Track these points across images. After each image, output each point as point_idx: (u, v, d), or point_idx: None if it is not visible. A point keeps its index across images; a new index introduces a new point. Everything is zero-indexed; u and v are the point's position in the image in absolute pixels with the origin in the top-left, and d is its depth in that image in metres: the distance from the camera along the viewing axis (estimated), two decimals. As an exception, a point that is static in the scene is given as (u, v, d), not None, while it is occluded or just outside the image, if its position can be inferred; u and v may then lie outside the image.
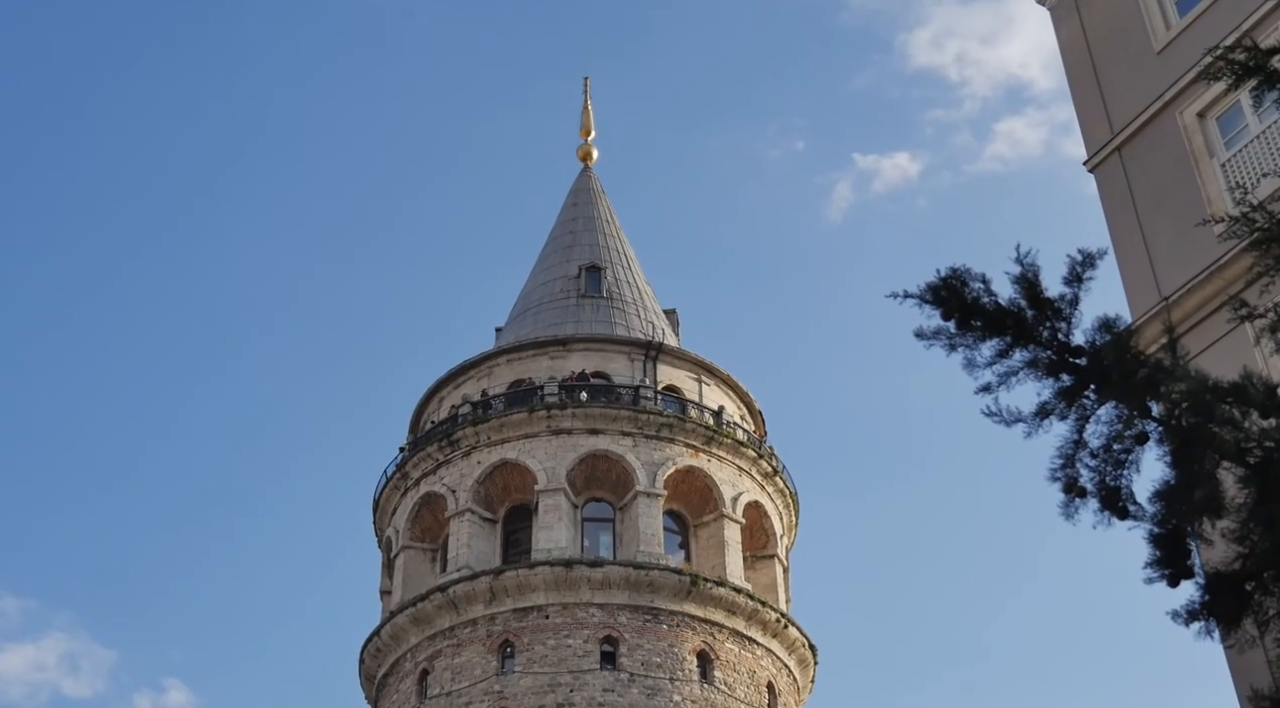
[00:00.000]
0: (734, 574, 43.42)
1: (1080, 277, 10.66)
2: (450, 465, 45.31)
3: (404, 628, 43.09)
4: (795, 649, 44.55)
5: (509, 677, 40.53)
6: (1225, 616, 10.56)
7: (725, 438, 45.72)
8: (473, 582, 41.90)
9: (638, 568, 41.77)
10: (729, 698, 41.17)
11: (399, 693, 42.89)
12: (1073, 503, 10.71)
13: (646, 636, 41.21)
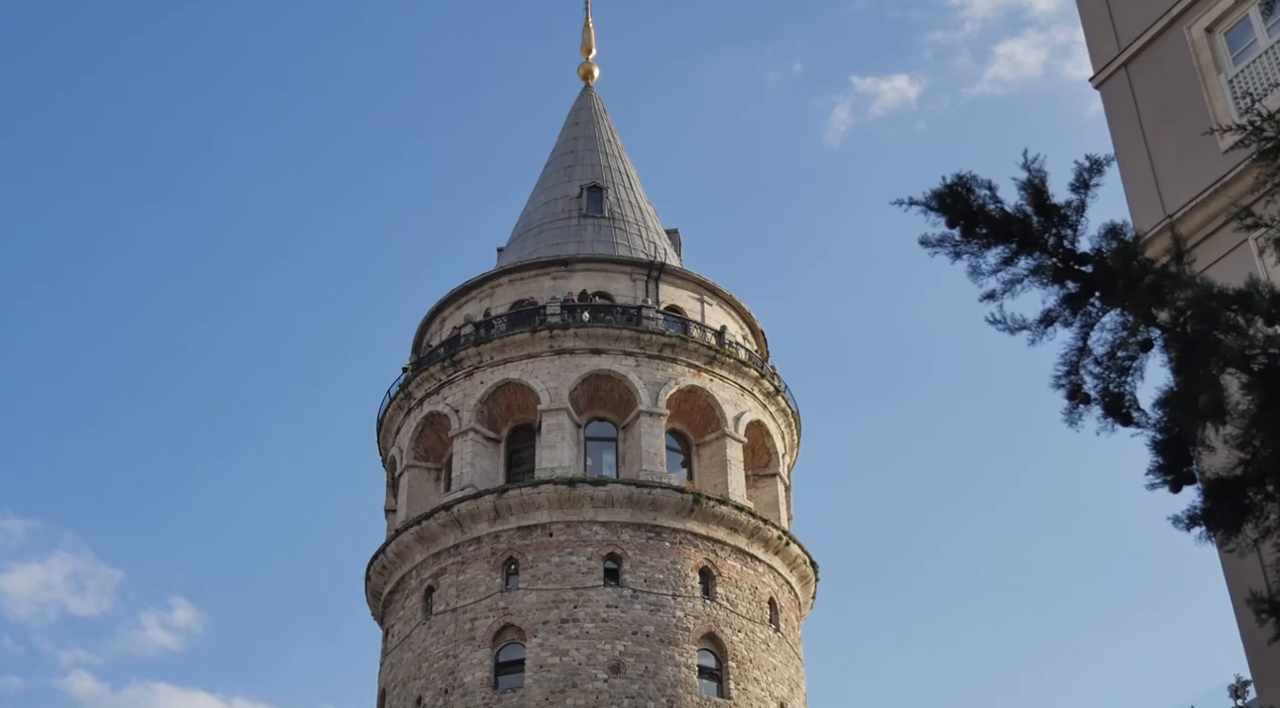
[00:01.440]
0: (736, 492, 43.73)
1: (1087, 183, 10.62)
2: (453, 385, 45.47)
3: (409, 546, 43.49)
4: (797, 566, 44.98)
5: (513, 593, 40.96)
6: (1226, 521, 10.65)
7: (727, 358, 45.82)
8: (477, 500, 42.21)
9: (640, 486, 42.06)
10: (731, 614, 41.63)
11: (405, 610, 43.37)
12: (1076, 410, 10.76)
13: (649, 553, 41.59)
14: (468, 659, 40.33)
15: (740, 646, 41.34)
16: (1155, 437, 10.75)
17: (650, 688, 39.36)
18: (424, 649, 41.54)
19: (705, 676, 40.52)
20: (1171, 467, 10.61)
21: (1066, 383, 10.83)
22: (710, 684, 40.54)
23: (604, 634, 40.01)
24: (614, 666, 39.50)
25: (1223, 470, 10.74)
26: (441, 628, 41.37)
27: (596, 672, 39.38)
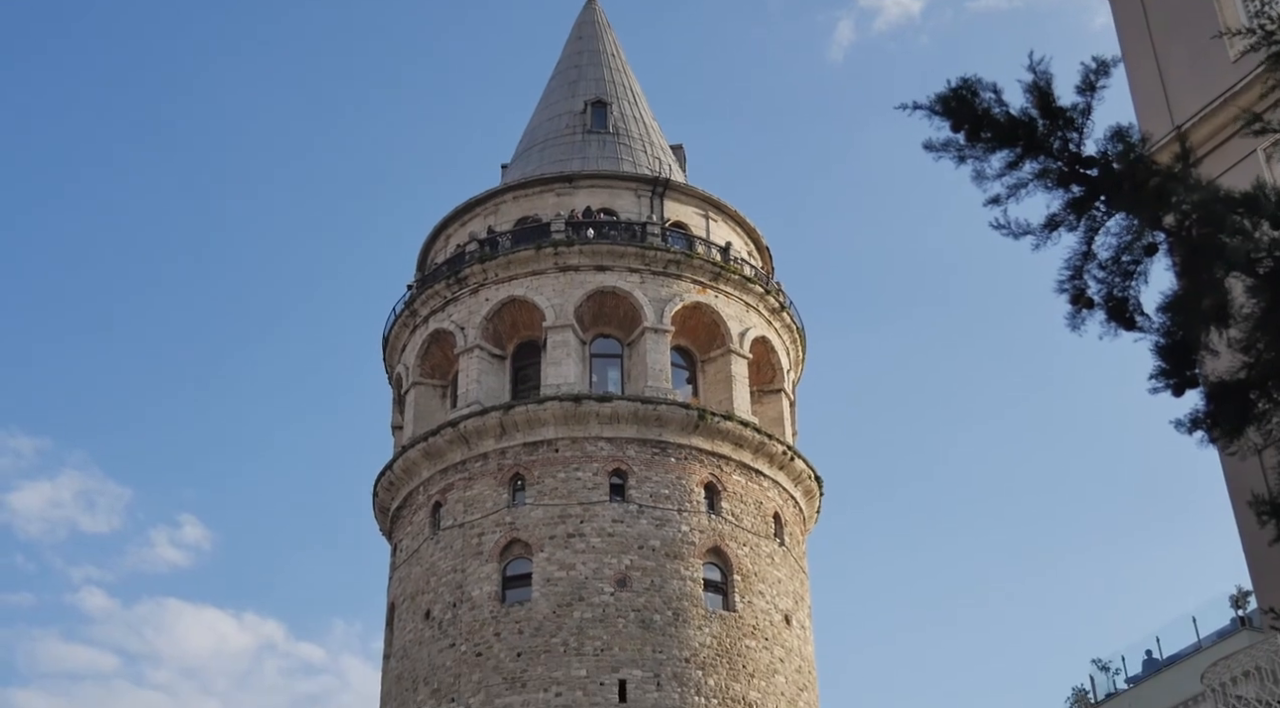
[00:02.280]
0: (741, 408, 43.86)
1: (1093, 85, 10.50)
2: (458, 303, 45.46)
3: (416, 462, 43.74)
4: (801, 481, 45.22)
5: (520, 509, 41.25)
6: (1228, 424, 10.66)
7: (733, 274, 45.74)
8: (483, 417, 42.38)
9: (646, 403, 42.18)
10: (736, 528, 41.93)
11: (412, 525, 43.72)
12: (1080, 315, 10.73)
13: (655, 468, 41.81)
14: (475, 574, 40.72)
15: (745, 559, 41.69)
16: (1158, 341, 10.73)
17: (656, 601, 39.75)
18: (432, 564, 41.94)
19: (710, 589, 40.91)
20: (1174, 371, 10.60)
21: (1070, 288, 10.78)
22: (715, 598, 40.95)
23: (610, 549, 40.34)
24: (620, 579, 39.87)
25: (1226, 374, 10.74)
26: (449, 543, 41.74)
27: (603, 586, 39.76)
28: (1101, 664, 39.22)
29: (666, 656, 39.10)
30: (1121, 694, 37.73)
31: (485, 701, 38.73)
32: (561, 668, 38.66)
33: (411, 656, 41.16)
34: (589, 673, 38.60)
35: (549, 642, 39.08)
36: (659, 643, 39.23)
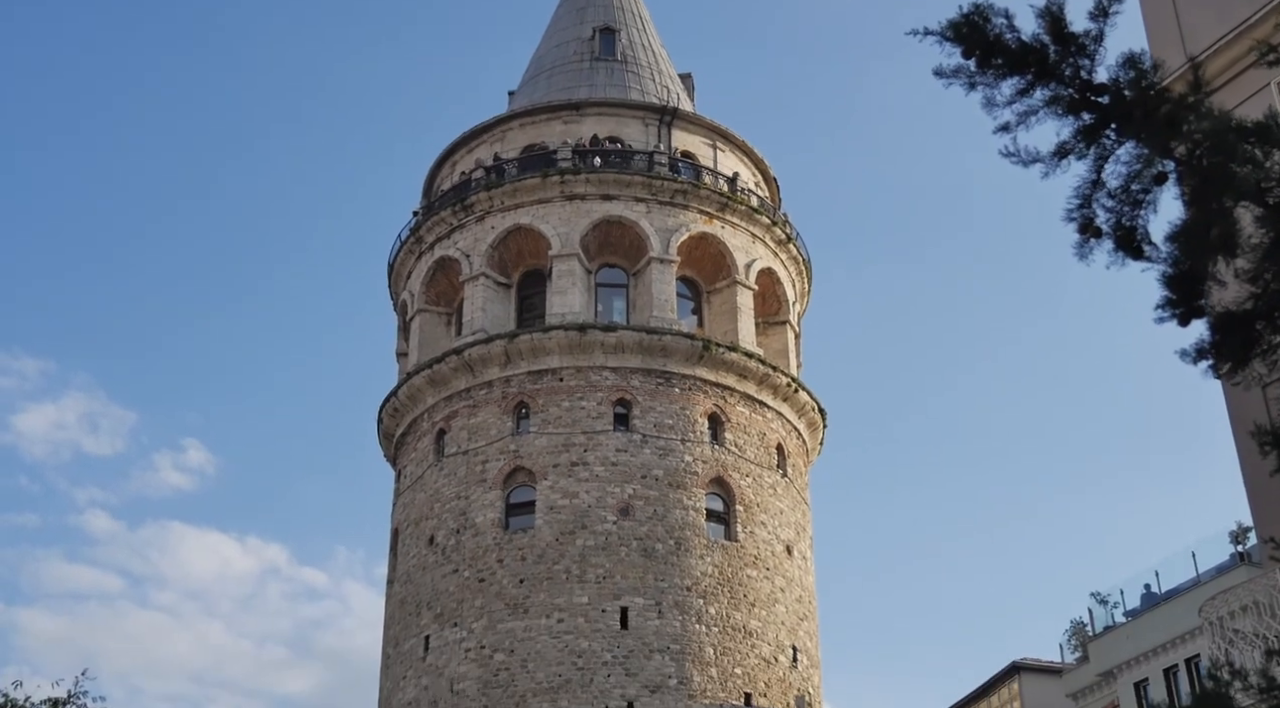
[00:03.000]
0: (746, 340, 43.86)
1: (1106, 11, 10.35)
2: (464, 230, 45.33)
3: (421, 389, 43.85)
4: (805, 413, 45.31)
5: (524, 437, 41.40)
6: (1234, 355, 10.61)
7: (739, 205, 45.54)
8: (488, 345, 42.41)
9: (650, 333, 42.18)
10: (739, 459, 42.08)
11: (417, 452, 43.91)
12: (1088, 244, 10.63)
13: (659, 398, 41.89)
14: (479, 500, 40.95)
15: (748, 490, 41.88)
16: (1166, 271, 10.65)
17: (659, 530, 39.99)
18: (436, 490, 42.16)
19: (713, 519, 41.14)
20: (1181, 301, 10.54)
21: (1078, 216, 10.68)
22: (718, 527, 41.19)
23: (613, 478, 40.53)
24: (623, 508, 40.08)
25: (1232, 305, 10.69)
26: (453, 470, 41.94)
27: (606, 514, 39.99)
28: (1100, 598, 39.56)
29: (668, 584, 39.39)
30: (1119, 628, 38.08)
31: (488, 626, 39.10)
32: (564, 595, 38.98)
33: (415, 581, 41.50)
34: (591, 600, 38.93)
35: (551, 569, 39.38)
36: (661, 571, 39.50)
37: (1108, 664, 37.30)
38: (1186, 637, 34.10)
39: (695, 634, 39.03)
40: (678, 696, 38.11)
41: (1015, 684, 44.01)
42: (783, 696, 40.12)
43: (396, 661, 41.28)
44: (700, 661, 38.79)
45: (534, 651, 38.39)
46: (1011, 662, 44.33)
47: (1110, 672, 37.22)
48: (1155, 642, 35.23)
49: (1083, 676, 39.52)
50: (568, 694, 37.76)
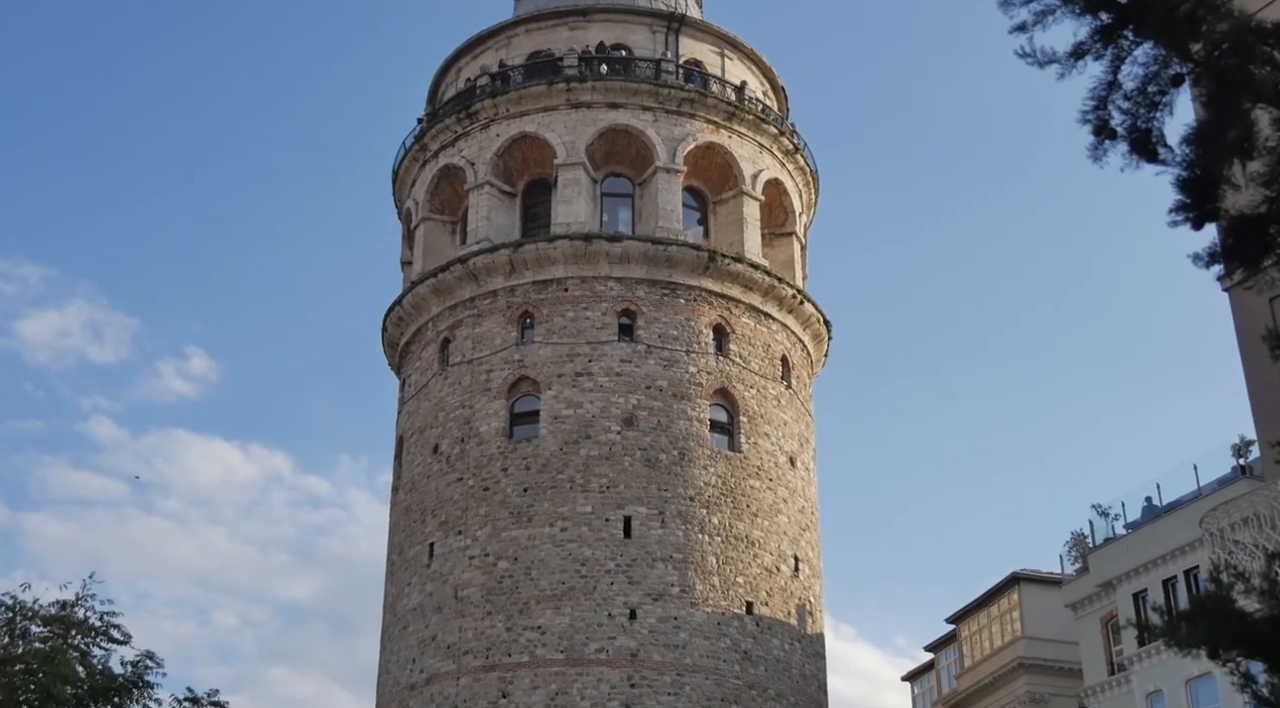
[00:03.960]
0: (752, 251, 43.66)
1: (1127, -94, 10.12)
2: (469, 138, 44.96)
3: (425, 298, 43.75)
4: (810, 325, 45.24)
5: (529, 347, 41.39)
6: (1246, 257, 10.52)
7: (747, 114, 45.09)
8: (493, 254, 42.25)
9: (656, 243, 41.98)
10: (744, 370, 42.09)
11: (421, 360, 43.93)
12: (1102, 146, 10.50)
13: (664, 309, 41.81)
14: (483, 410, 41.04)
15: (752, 401, 41.94)
16: (1180, 174, 10.52)
17: (662, 441, 40.11)
18: (441, 399, 42.24)
19: (717, 430, 41.26)
20: (1195, 204, 10.42)
21: (1094, 118, 10.53)
22: (721, 438, 41.31)
23: (617, 388, 40.57)
24: (627, 418, 40.17)
25: (1246, 208, 10.56)
26: (458, 379, 41.98)
27: (610, 424, 40.08)
28: (1101, 510, 39.77)
29: (671, 494, 39.59)
30: (1120, 539, 38.30)
31: (492, 534, 39.37)
32: (567, 504, 39.20)
33: (420, 489, 41.73)
34: (594, 509, 39.16)
35: (555, 478, 39.56)
36: (664, 481, 39.69)
37: (1107, 575, 37.57)
38: (1186, 549, 34.30)
39: (698, 544, 39.30)
40: (680, 603, 38.47)
41: (1015, 595, 44.37)
42: (784, 604, 40.49)
43: (401, 567, 41.64)
44: (702, 569, 39.10)
45: (537, 559, 38.69)
46: (1012, 573, 44.65)
47: (1109, 583, 37.50)
48: (1155, 553, 35.44)
49: (1082, 586, 39.83)
50: (571, 602, 38.11)
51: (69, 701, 27.60)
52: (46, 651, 27.89)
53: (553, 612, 38.05)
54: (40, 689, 27.27)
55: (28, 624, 28.66)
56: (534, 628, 37.99)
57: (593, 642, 37.69)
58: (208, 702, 29.51)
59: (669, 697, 37.40)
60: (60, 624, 28.45)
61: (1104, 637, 38.93)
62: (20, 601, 28.92)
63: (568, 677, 37.37)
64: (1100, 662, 38.75)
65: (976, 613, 46.69)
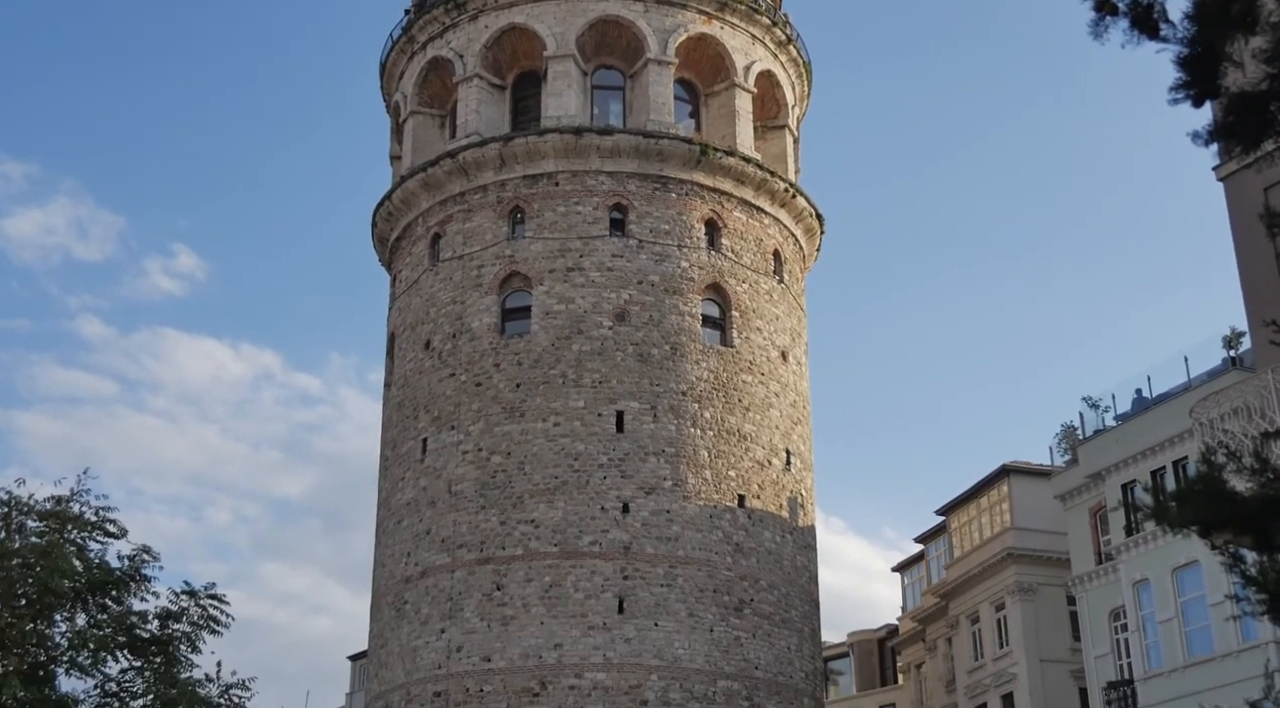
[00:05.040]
0: (744, 144, 43.29)
1: None
2: (457, 29, 44.28)
3: (415, 193, 43.42)
4: (802, 219, 45.01)
5: (519, 242, 41.17)
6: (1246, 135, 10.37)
7: (739, 4, 44.37)
8: (482, 148, 41.84)
9: (647, 137, 41.57)
10: (735, 265, 41.95)
11: (412, 256, 43.71)
12: (1103, 21, 10.29)
13: (655, 204, 41.54)
14: (475, 305, 40.93)
15: (744, 296, 41.86)
16: (1181, 52, 10.33)
17: (654, 336, 40.10)
18: (432, 295, 42.11)
19: (709, 324, 41.23)
20: (1196, 82, 10.24)
21: (1095, -8, 10.30)
22: (713, 333, 41.30)
23: (609, 283, 40.44)
24: (619, 314, 40.11)
25: (1247, 86, 10.39)
26: (449, 274, 41.81)
27: (602, 319, 40.03)
28: (1091, 402, 39.93)
29: (663, 388, 39.67)
30: (1109, 431, 38.51)
31: (484, 429, 39.49)
32: (560, 399, 39.28)
33: (412, 384, 41.77)
34: (587, 404, 39.25)
35: (547, 374, 39.60)
36: (656, 376, 39.75)
37: (1096, 467, 37.82)
38: (1175, 440, 34.48)
39: (690, 438, 39.46)
40: (672, 497, 38.74)
41: (1005, 487, 44.71)
42: (776, 497, 40.79)
43: (395, 463, 41.82)
44: (695, 463, 39.31)
45: (530, 453, 38.86)
46: (1002, 465, 44.95)
47: (1099, 474, 37.76)
48: (1144, 444, 35.64)
49: (1071, 478, 40.12)
50: (564, 496, 38.36)
51: (67, 594, 27.81)
52: (43, 545, 28.02)
53: (546, 506, 38.31)
54: (38, 583, 27.44)
55: (23, 519, 28.78)
56: (527, 522, 38.28)
57: (586, 535, 38.01)
58: (205, 595, 29.76)
59: (661, 588, 37.81)
60: (56, 519, 28.57)
61: (1092, 527, 39.31)
62: (15, 496, 29.03)
63: (561, 569, 37.74)
64: (1088, 552, 39.17)
65: (966, 505, 47.10)
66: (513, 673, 36.89)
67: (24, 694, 26.24)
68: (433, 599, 38.62)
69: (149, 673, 29.05)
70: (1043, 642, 42.45)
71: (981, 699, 44.62)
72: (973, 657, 45.32)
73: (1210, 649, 33.06)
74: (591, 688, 36.60)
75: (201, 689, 28.87)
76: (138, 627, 28.93)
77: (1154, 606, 35.16)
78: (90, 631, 28.43)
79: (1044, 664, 42.10)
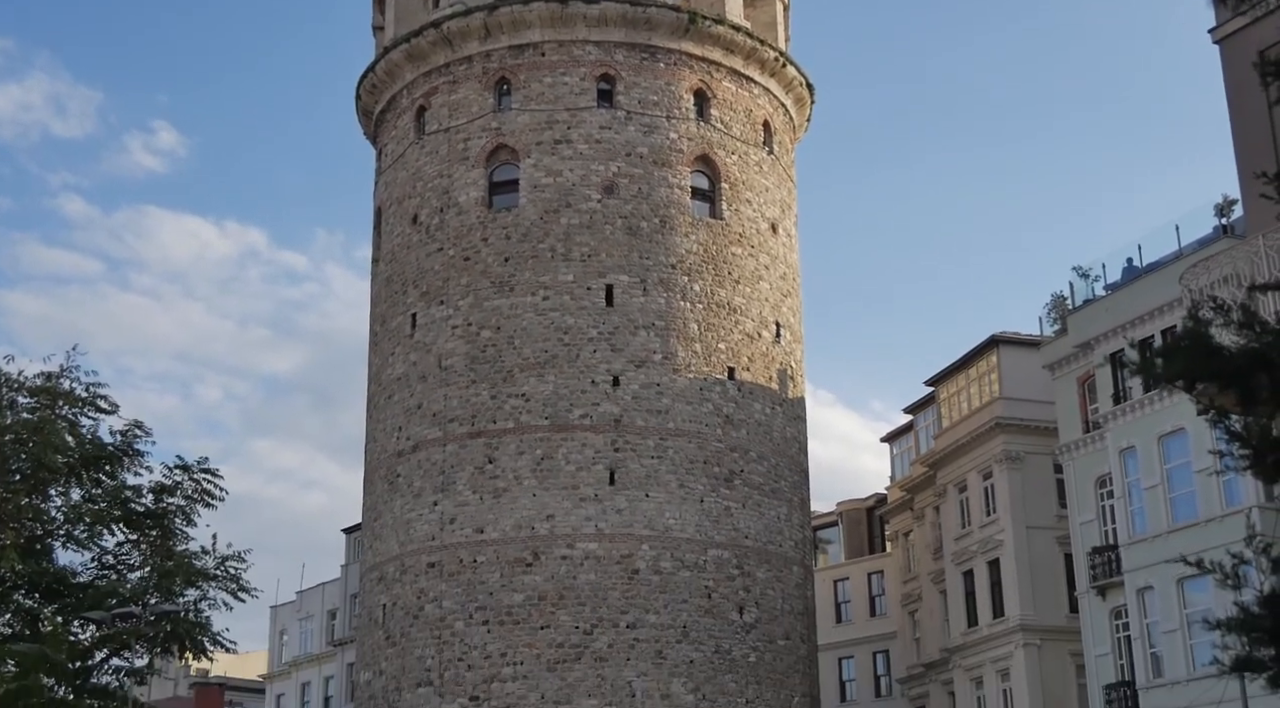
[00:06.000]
0: (733, 12, 42.56)
1: None
2: (439, -105, 43.22)
3: (399, 64, 42.74)
4: (792, 89, 44.46)
5: (506, 114, 40.68)
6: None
7: None
8: (466, 18, 41.11)
9: (635, 5, 40.83)
10: (725, 136, 41.53)
11: (397, 129, 43.19)
12: None
13: (643, 74, 40.98)
14: (462, 179, 40.59)
15: (733, 167, 41.52)
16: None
17: (643, 208, 39.86)
18: (418, 169, 41.72)
19: (698, 197, 40.97)
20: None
21: None
22: (703, 205, 41.06)
23: (597, 156, 40.08)
24: (607, 186, 39.82)
25: (1244, -68, 10.14)
26: (435, 148, 41.38)
27: (590, 192, 39.75)
28: (1082, 272, 39.87)
29: (653, 262, 39.56)
30: (1099, 300, 38.52)
31: (474, 304, 39.43)
32: (549, 273, 39.17)
33: (399, 260, 41.59)
34: (576, 278, 39.16)
35: (536, 247, 39.43)
36: (645, 250, 39.60)
37: (1085, 336, 37.89)
38: (1165, 308, 34.48)
39: (680, 311, 39.46)
40: (662, 370, 38.85)
41: (994, 357, 44.82)
42: (765, 370, 40.92)
43: (384, 338, 41.82)
44: (685, 336, 39.36)
45: (520, 328, 38.87)
46: (991, 335, 45.02)
47: (1087, 343, 37.84)
48: (1133, 313, 35.64)
49: (1060, 348, 40.22)
50: (554, 370, 38.45)
51: (61, 469, 28.05)
52: (35, 421, 28.18)
53: (536, 379, 38.42)
54: (31, 458, 27.66)
55: (14, 396, 28.89)
56: (518, 395, 38.42)
57: (576, 408, 38.18)
58: (198, 469, 30.01)
59: (652, 460, 38.11)
60: (47, 395, 28.70)
61: (1080, 396, 39.50)
62: (5, 373, 29.10)
63: (553, 442, 37.99)
64: (1075, 421, 39.42)
65: (955, 375, 47.28)
66: (506, 544, 37.34)
67: (22, 567, 26.61)
68: (425, 473, 38.91)
69: (145, 546, 29.45)
70: (1029, 510, 42.95)
71: (968, 566, 45.28)
72: (960, 525, 45.87)
73: (1195, 515, 33.45)
74: (584, 558, 37.08)
75: (198, 561, 29.31)
76: (133, 501, 29.27)
77: (1139, 473, 35.49)
78: (85, 505, 28.78)
79: (1030, 531, 42.63)
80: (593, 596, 36.75)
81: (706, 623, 37.44)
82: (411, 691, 37.30)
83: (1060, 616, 41.81)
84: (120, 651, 28.03)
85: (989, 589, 44.27)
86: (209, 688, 62.37)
